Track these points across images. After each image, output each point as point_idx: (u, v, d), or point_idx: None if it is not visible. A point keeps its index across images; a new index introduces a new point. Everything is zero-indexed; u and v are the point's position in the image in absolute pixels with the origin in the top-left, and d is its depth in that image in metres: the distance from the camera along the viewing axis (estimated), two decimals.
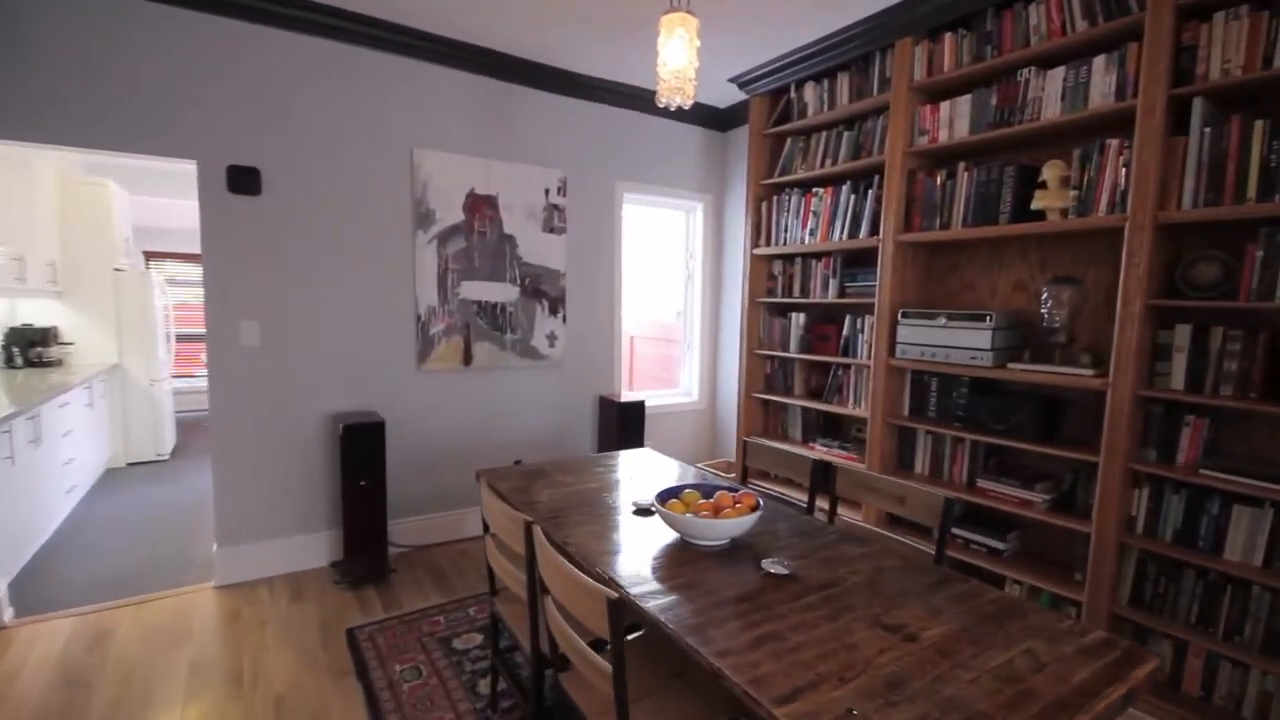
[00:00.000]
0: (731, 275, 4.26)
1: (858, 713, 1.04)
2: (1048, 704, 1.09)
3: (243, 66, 2.75)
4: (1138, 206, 2.02)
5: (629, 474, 2.39)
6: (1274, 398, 1.87)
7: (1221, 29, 1.87)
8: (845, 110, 3.04)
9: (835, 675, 1.15)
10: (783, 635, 1.28)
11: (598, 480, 2.30)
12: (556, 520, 1.90)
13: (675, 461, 2.56)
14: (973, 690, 1.12)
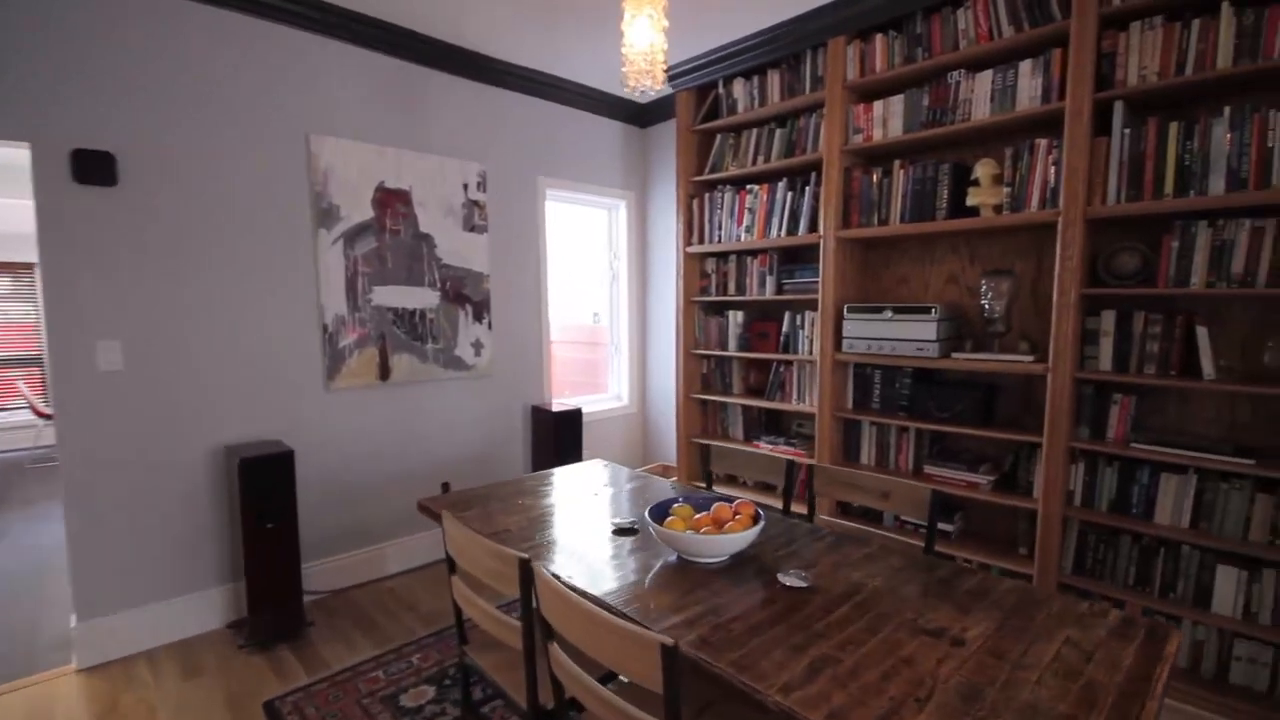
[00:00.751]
0: (658, 274, 4.18)
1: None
2: (1117, 696, 1.07)
3: (92, 27, 2.23)
4: (1069, 203, 2.17)
5: (589, 489, 2.21)
6: (1190, 374, 2.07)
7: (1138, 38, 2.04)
8: (777, 107, 3.05)
9: (909, 696, 1.07)
10: (835, 657, 1.19)
11: (559, 500, 2.10)
12: (533, 550, 1.69)
13: (629, 470, 2.42)
14: (1044, 692, 1.08)
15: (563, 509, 2.02)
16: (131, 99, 2.33)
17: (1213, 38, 1.91)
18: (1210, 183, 1.95)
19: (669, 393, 4.15)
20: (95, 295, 2.29)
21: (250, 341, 2.63)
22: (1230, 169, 1.91)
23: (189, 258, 2.47)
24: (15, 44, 2.11)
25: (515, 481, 2.29)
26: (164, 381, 2.44)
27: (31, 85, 2.14)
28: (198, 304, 2.50)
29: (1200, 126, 1.95)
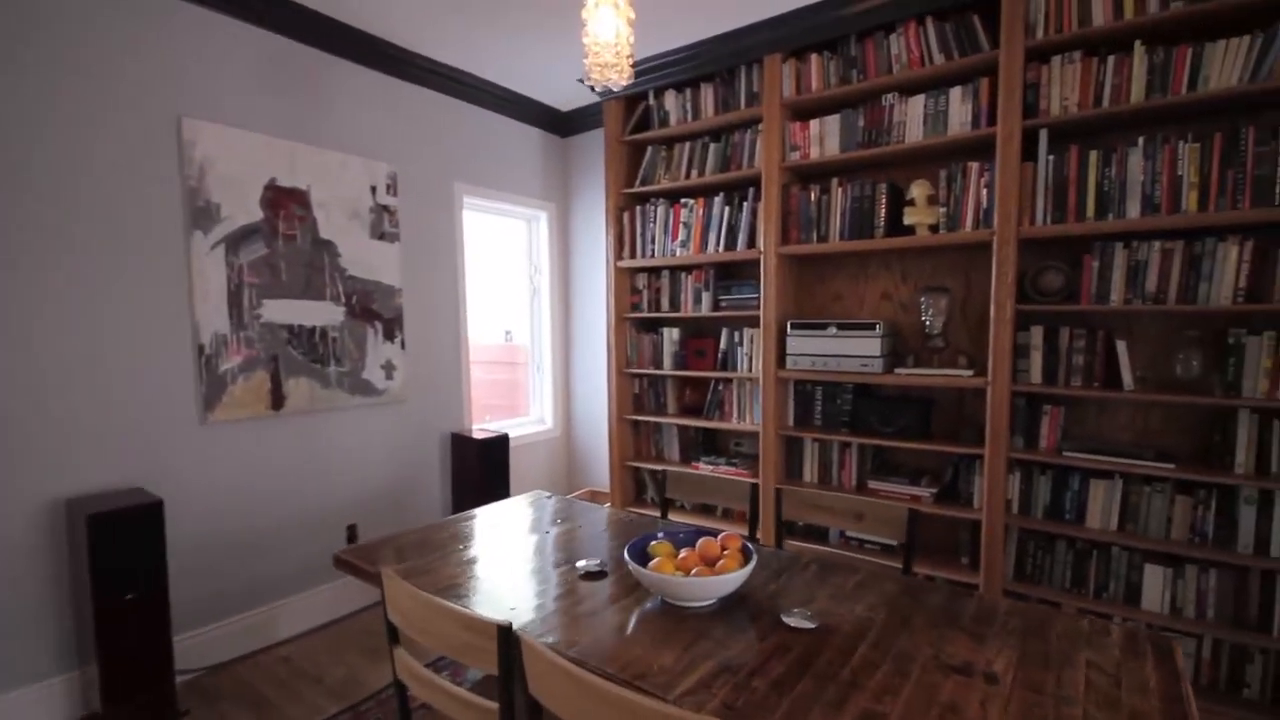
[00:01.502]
0: (581, 290, 3.99)
1: None
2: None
3: None
4: (1003, 223, 2.26)
5: (538, 526, 1.97)
6: (1112, 385, 2.22)
7: (1059, 71, 2.18)
8: (711, 122, 3.00)
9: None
10: (879, 711, 1.06)
11: (507, 542, 1.85)
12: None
13: (578, 501, 2.21)
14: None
15: (514, 553, 1.77)
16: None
17: (1127, 73, 2.08)
18: (1127, 207, 2.10)
19: (597, 414, 3.95)
20: None
21: (104, 367, 2.13)
22: (1144, 195, 2.07)
23: (20, 263, 1.95)
24: None
25: (448, 524, 2.00)
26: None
27: None
28: (30, 320, 1.97)
29: (1117, 155, 2.11)
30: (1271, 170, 1.88)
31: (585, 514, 2.11)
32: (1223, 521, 2.03)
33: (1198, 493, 2.07)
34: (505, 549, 1.80)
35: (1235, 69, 1.91)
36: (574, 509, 2.16)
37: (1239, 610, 2.02)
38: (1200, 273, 2.03)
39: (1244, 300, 1.97)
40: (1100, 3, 2.09)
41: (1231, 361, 2.01)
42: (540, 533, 1.94)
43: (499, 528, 1.97)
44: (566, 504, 2.21)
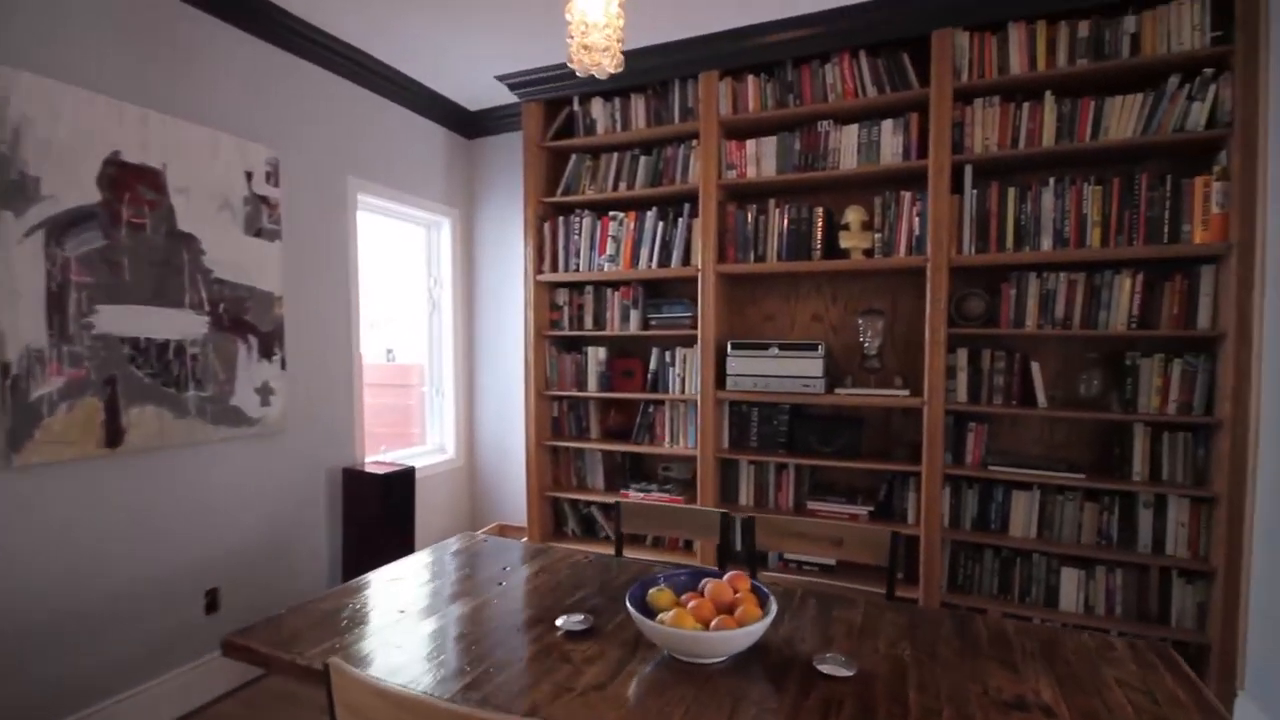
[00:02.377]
0: (487, 306, 3.65)
1: None
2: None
3: None
4: (936, 250, 2.38)
5: (485, 578, 1.69)
6: (1027, 403, 2.40)
7: (981, 112, 2.36)
8: (643, 134, 2.90)
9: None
10: None
11: (459, 599, 1.55)
12: (476, 690, 1.15)
13: (526, 544, 1.94)
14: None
15: (471, 615, 1.47)
16: None
17: (1039, 119, 2.29)
18: (1041, 240, 2.31)
19: (506, 441, 3.62)
20: None
21: None
22: (1055, 230, 2.29)
23: None
24: None
25: (361, 586, 1.63)
26: None
27: None
28: None
29: (1032, 193, 2.31)
30: (1160, 212, 2.16)
31: (537, 558, 1.84)
32: (1125, 525, 2.27)
33: (1103, 499, 2.29)
34: (456, 610, 1.49)
35: (1130, 122, 2.18)
36: (518, 553, 1.88)
37: (1141, 605, 2.25)
38: (1100, 301, 2.27)
39: (1136, 326, 2.22)
40: (1017, 54, 2.29)
41: (1128, 381, 2.26)
42: (492, 585, 1.65)
43: (437, 583, 1.65)
44: (506, 547, 1.93)
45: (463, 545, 1.94)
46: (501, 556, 1.85)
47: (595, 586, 1.65)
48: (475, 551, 1.90)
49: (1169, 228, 2.15)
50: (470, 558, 1.84)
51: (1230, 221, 2.05)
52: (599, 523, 3.15)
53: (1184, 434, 2.19)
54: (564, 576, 1.72)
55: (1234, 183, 2.04)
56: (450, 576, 1.70)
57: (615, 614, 1.50)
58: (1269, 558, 1.95)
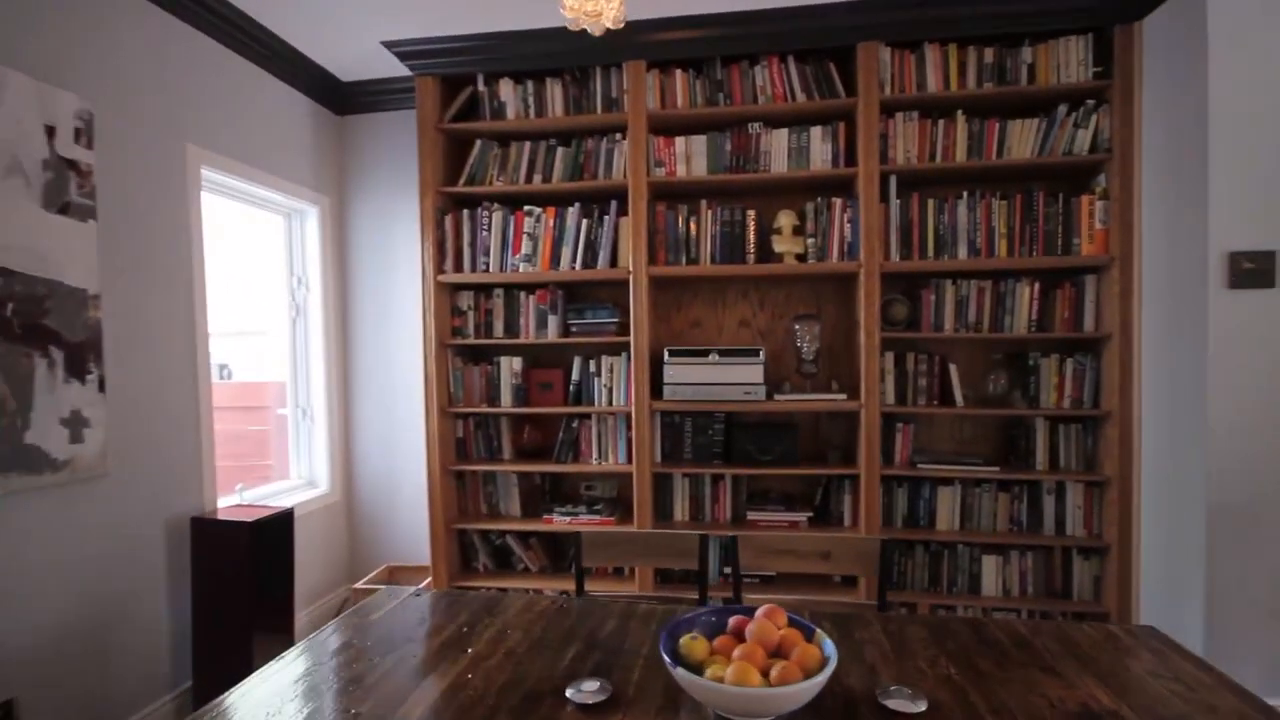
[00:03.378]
0: (365, 312, 3.12)
1: None
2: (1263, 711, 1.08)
3: None
4: (868, 256, 2.44)
5: (440, 643, 1.35)
6: (946, 403, 2.54)
7: (902, 126, 2.46)
8: (560, 122, 2.65)
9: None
10: None
11: (416, 691, 1.21)
12: None
13: (456, 592, 1.62)
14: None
15: (445, 703, 1.14)
16: None
17: (953, 135, 2.44)
18: (958, 250, 2.45)
19: (396, 468, 3.11)
20: None
21: None
22: (969, 240, 2.45)
23: None
24: None
25: (274, 674, 1.22)
26: None
27: None
28: None
29: (949, 205, 2.45)
30: (1055, 226, 2.39)
31: (493, 613, 1.53)
32: (1032, 511, 2.47)
33: (1013, 489, 2.48)
34: (421, 699, 1.15)
35: (1029, 143, 2.39)
36: (464, 606, 1.55)
37: (1048, 583, 2.46)
38: (1005, 306, 2.47)
39: (1035, 329, 2.44)
40: (933, 73, 2.43)
41: (1031, 379, 2.47)
42: (457, 651, 1.32)
43: (385, 659, 1.28)
44: (451, 599, 1.59)
45: (392, 606, 1.55)
46: (447, 613, 1.50)
47: (583, 640, 1.39)
48: (411, 607, 1.52)
49: (1062, 240, 2.40)
50: (393, 627, 1.46)
51: (1111, 236, 2.33)
52: (516, 554, 2.81)
53: (1076, 425, 2.45)
54: (539, 632, 1.42)
55: (1113, 202, 2.32)
56: (396, 650, 1.32)
57: (627, 671, 1.25)
58: (1155, 531, 2.22)
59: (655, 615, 1.51)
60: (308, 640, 1.39)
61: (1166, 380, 2.16)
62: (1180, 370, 2.09)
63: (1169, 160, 2.13)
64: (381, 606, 1.57)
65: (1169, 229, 2.14)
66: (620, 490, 2.87)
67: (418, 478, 3.02)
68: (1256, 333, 1.93)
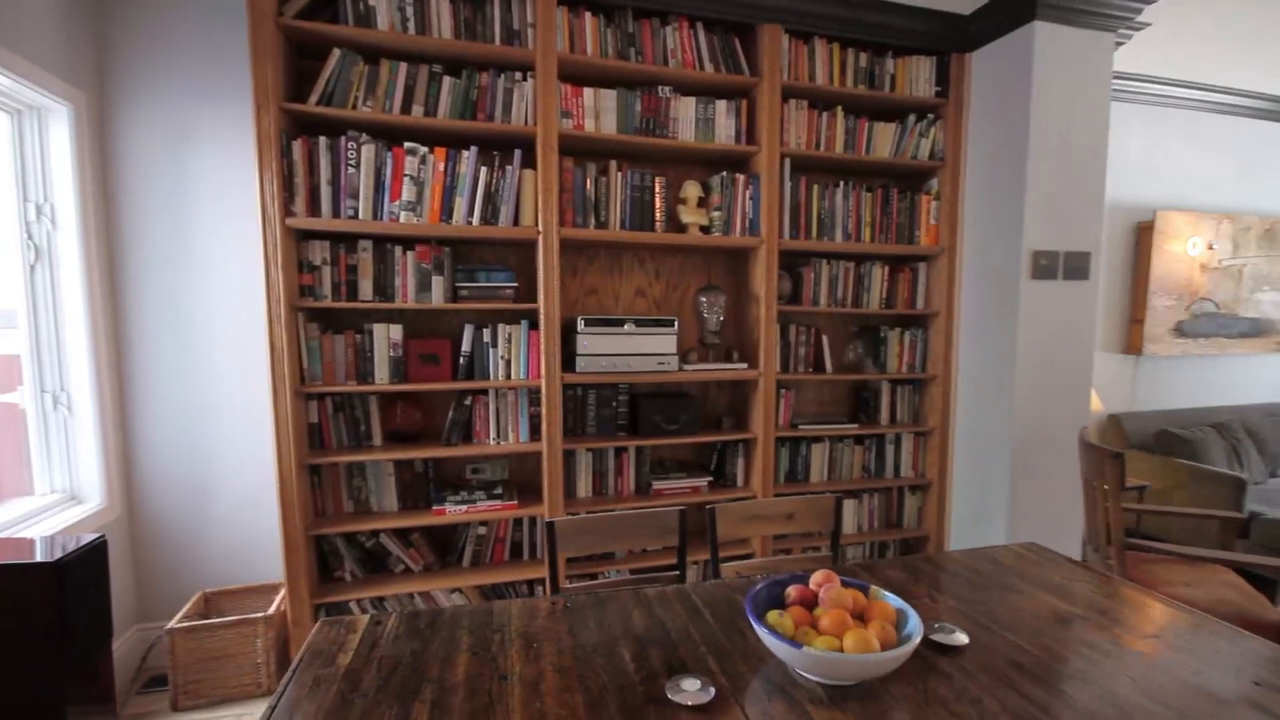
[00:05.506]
0: (150, 260, 2.29)
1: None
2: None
3: None
4: (769, 232, 2.58)
5: (477, 667, 1.14)
6: (819, 370, 2.84)
7: (794, 112, 2.63)
8: (447, 46, 2.24)
9: None
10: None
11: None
12: None
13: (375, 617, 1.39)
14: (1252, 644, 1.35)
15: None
16: None
17: (834, 128, 2.69)
18: (835, 233, 2.74)
19: (209, 468, 2.37)
20: None
21: None
22: (843, 226, 2.75)
23: None
24: None
25: None
26: None
27: None
28: None
29: (829, 191, 2.72)
30: (905, 219, 2.82)
31: (490, 629, 1.31)
32: (878, 460, 2.93)
33: (865, 442, 2.91)
34: None
35: (888, 145, 2.76)
36: (444, 627, 1.31)
37: (888, 517, 2.96)
38: (864, 286, 2.85)
39: (885, 306, 2.87)
40: (821, 67, 2.63)
41: (880, 348, 2.90)
42: (493, 680, 1.11)
43: (415, 706, 1.02)
44: (410, 626, 1.32)
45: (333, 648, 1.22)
46: (421, 640, 1.24)
47: (626, 637, 1.27)
48: (367, 652, 1.22)
49: (908, 232, 2.84)
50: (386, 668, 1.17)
51: (941, 231, 2.83)
52: (394, 555, 2.39)
53: (909, 386, 2.96)
54: (568, 638, 1.26)
55: (944, 202, 2.82)
56: (405, 703, 1.05)
57: (700, 660, 1.18)
58: (964, 470, 2.81)
59: (671, 598, 1.44)
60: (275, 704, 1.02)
61: (978, 350, 2.73)
62: (991, 342, 2.65)
63: (989, 172, 2.66)
64: (339, 647, 1.22)
65: (986, 228, 2.68)
66: (511, 471, 2.64)
67: (248, 478, 2.38)
68: (1046, 314, 2.55)
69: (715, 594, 1.47)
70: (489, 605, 1.40)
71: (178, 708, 2.04)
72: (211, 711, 2.05)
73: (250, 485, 2.44)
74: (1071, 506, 2.65)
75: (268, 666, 2.14)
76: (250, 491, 2.44)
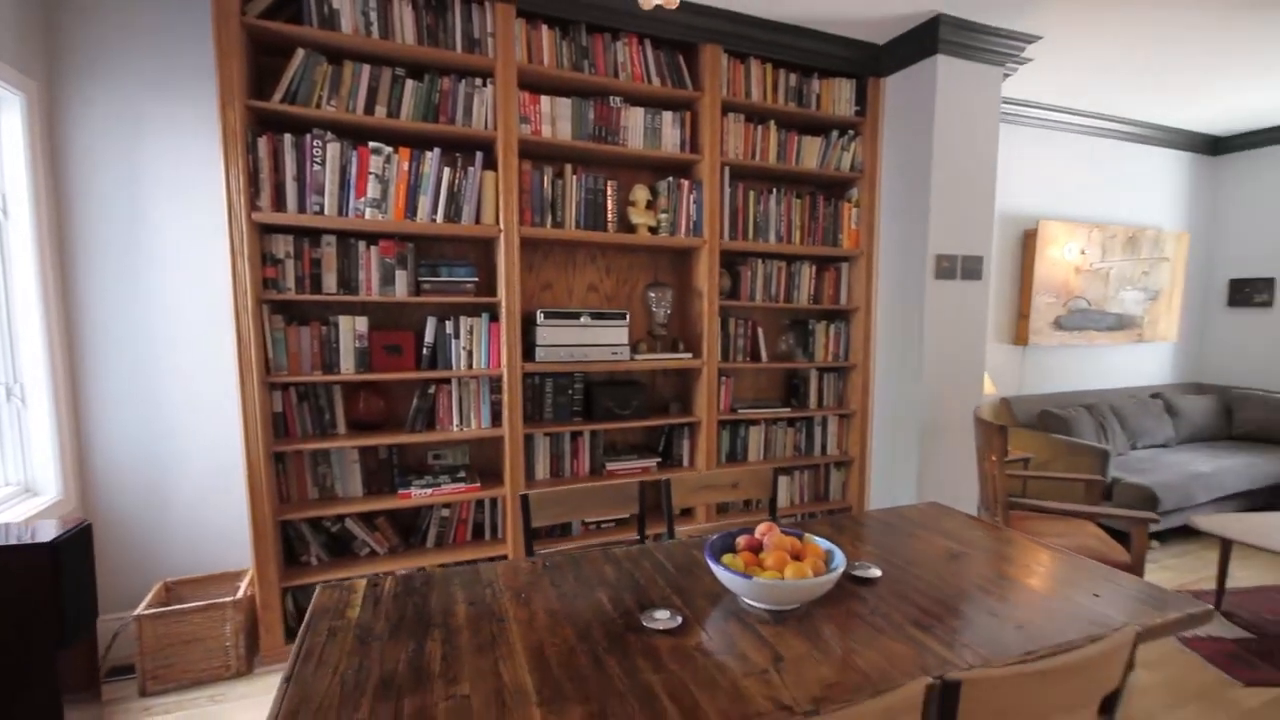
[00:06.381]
0: (104, 251, 2.27)
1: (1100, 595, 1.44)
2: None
3: None
4: (711, 234, 2.83)
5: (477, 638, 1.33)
6: (756, 359, 3.13)
7: (733, 125, 2.89)
8: (410, 51, 2.35)
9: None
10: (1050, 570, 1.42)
11: (498, 654, 1.20)
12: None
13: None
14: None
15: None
16: None
17: (767, 140, 2.97)
18: (769, 235, 3.03)
19: (169, 460, 2.38)
20: None
21: None
22: (776, 229, 3.04)
23: None
24: None
25: None
26: None
27: None
28: None
29: (764, 197, 3.00)
30: (829, 224, 3.14)
31: (481, 585, 1.49)
32: (808, 440, 3.25)
33: (797, 424, 3.23)
34: (512, 662, 1.15)
35: (815, 157, 3.07)
36: (436, 586, 1.49)
37: (815, 490, 3.29)
38: (794, 283, 3.15)
39: (813, 302, 3.19)
40: (755, 85, 2.91)
41: (809, 340, 3.22)
42: (494, 622, 1.29)
43: (427, 645, 1.19)
44: (405, 587, 1.49)
45: (336, 607, 1.37)
46: (421, 596, 1.41)
47: (604, 585, 1.48)
48: (372, 610, 1.38)
49: (833, 236, 3.17)
50: (394, 620, 1.34)
51: (860, 235, 3.18)
52: (360, 539, 2.48)
53: (834, 374, 3.30)
54: (551, 589, 1.45)
55: (862, 210, 3.16)
56: (418, 642, 1.22)
57: (667, 600, 1.40)
58: (881, 447, 3.18)
59: (637, 555, 1.66)
60: (298, 662, 1.16)
61: (891, 341, 3.10)
62: (903, 334, 3.02)
63: (900, 183, 3.02)
64: (345, 605, 1.37)
65: (898, 233, 3.04)
66: (471, 457, 2.77)
67: (207, 467, 2.42)
68: (947, 310, 2.93)
69: (674, 550, 1.70)
70: (474, 567, 1.57)
71: (146, 693, 2.07)
72: (181, 694, 2.09)
73: (210, 475, 2.46)
74: (969, 475, 3.06)
75: (237, 649, 2.20)
76: (209, 481, 2.46)
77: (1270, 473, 3.83)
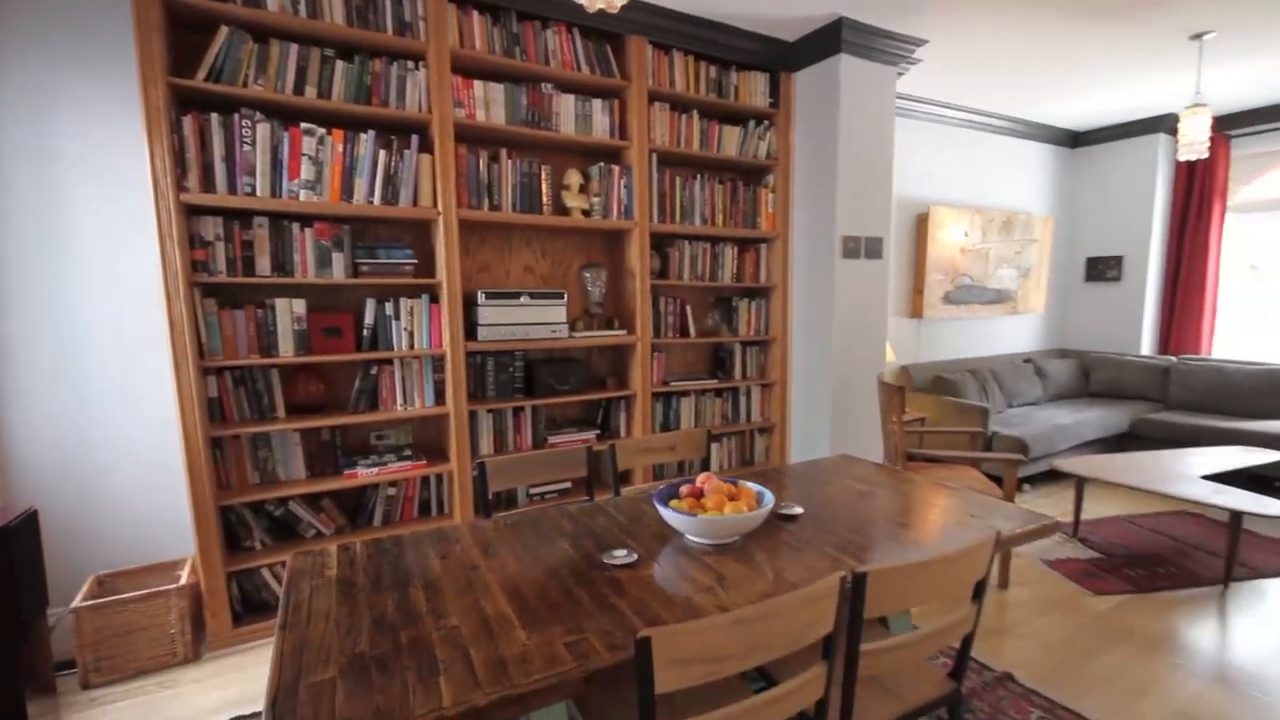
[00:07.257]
0: (9, 235, 2.14)
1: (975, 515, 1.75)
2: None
3: None
4: (641, 217, 3.00)
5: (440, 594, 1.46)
6: (685, 335, 3.34)
7: (659, 114, 3.06)
8: (339, 31, 2.35)
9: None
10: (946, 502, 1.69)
11: (480, 591, 1.34)
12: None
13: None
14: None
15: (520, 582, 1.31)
16: None
17: (691, 129, 3.16)
18: (695, 218, 3.23)
19: (94, 451, 2.28)
20: None
21: None
22: (701, 212, 3.25)
23: None
24: None
25: None
26: None
27: None
28: None
29: (689, 182, 3.19)
30: (749, 208, 3.38)
31: (448, 542, 1.62)
32: (734, 409, 3.51)
33: (724, 395, 3.48)
34: (492, 598, 1.29)
35: (735, 145, 3.29)
36: (410, 546, 1.60)
37: (742, 455, 3.56)
38: (719, 263, 3.38)
39: (736, 280, 3.44)
40: (679, 76, 3.08)
41: (733, 316, 3.47)
42: (469, 570, 1.42)
43: (411, 590, 1.31)
44: (379, 549, 1.59)
45: (316, 568, 1.46)
46: (399, 555, 1.52)
47: (565, 535, 1.64)
48: (355, 569, 1.48)
49: (752, 219, 3.41)
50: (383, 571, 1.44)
51: (776, 219, 3.45)
52: (305, 521, 2.49)
53: (756, 347, 3.57)
54: (517, 540, 1.60)
55: (777, 195, 3.43)
56: (402, 587, 1.34)
57: (620, 543, 1.58)
58: (799, 412, 3.49)
59: (590, 509, 1.82)
60: (289, 613, 1.26)
61: (805, 315, 3.40)
62: (815, 309, 3.32)
63: (810, 170, 3.30)
64: (321, 566, 1.46)
65: (809, 217, 3.32)
66: (414, 435, 2.82)
67: (136, 458, 2.35)
68: (853, 286, 3.25)
69: (623, 505, 1.87)
70: (440, 530, 1.68)
71: (88, 685, 2.02)
72: (128, 684, 2.06)
73: (143, 464, 2.39)
74: (874, 432, 3.43)
75: (183, 636, 2.18)
76: (138, 472, 2.39)
77: (1119, 422, 4.49)
